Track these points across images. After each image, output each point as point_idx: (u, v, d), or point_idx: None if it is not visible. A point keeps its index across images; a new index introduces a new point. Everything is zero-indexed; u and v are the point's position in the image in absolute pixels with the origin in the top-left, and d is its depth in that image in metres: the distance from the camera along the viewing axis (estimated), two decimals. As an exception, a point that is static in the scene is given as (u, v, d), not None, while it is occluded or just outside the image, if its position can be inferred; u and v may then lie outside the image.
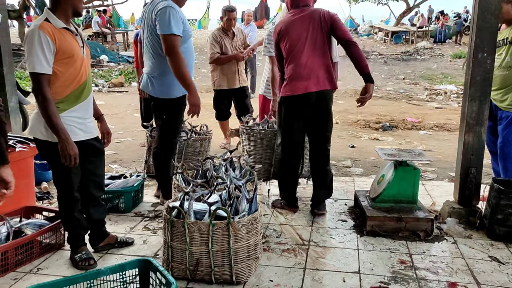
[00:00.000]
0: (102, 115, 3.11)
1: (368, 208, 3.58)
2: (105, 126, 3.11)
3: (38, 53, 2.57)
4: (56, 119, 2.63)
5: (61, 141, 2.65)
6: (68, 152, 2.66)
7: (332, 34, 3.56)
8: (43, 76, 2.60)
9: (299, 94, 3.55)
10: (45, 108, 2.61)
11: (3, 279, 2.76)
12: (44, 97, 2.60)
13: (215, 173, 3.33)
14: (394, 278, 2.82)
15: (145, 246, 3.23)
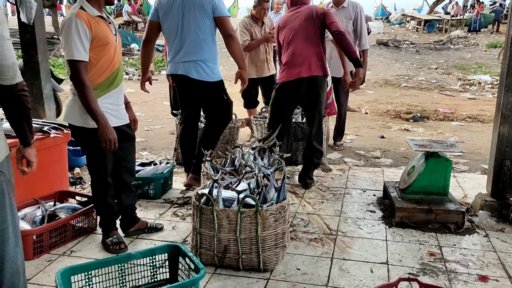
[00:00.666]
0: (129, 102, 3.15)
1: (397, 199, 3.54)
2: (132, 114, 3.15)
3: (75, 41, 2.62)
4: (94, 105, 2.68)
5: (100, 126, 2.70)
6: (108, 137, 2.71)
7: (324, 26, 3.89)
8: (81, 63, 2.65)
9: (292, 79, 3.89)
10: (84, 95, 2.66)
11: (38, 260, 2.86)
12: (83, 83, 2.65)
13: (244, 162, 3.35)
14: (423, 270, 2.78)
15: (174, 232, 3.28)
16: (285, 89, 3.98)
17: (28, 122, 1.93)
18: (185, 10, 3.64)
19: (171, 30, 3.74)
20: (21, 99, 1.85)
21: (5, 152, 1.83)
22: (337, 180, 4.43)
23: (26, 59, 4.31)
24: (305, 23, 3.88)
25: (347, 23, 5.16)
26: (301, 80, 3.89)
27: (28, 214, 3.08)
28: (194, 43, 3.67)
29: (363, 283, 2.64)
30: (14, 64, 1.80)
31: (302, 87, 3.92)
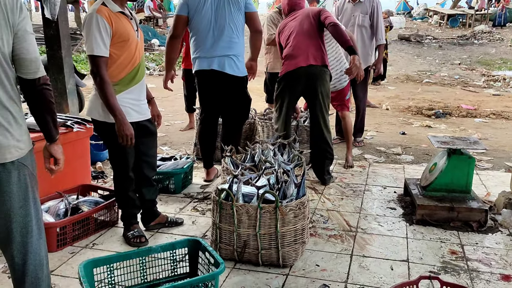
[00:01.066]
0: (152, 98, 3.17)
1: (418, 196, 3.49)
2: (156, 109, 3.18)
3: (96, 36, 2.66)
4: (113, 100, 2.72)
5: (118, 121, 2.73)
6: (125, 132, 2.74)
7: (320, 21, 3.93)
8: (100, 58, 2.69)
9: (291, 70, 3.97)
10: (103, 90, 2.70)
11: (61, 252, 2.91)
12: (102, 78, 2.69)
13: (263, 157, 3.35)
14: (444, 268, 2.75)
15: (194, 227, 3.31)
16: (285, 80, 4.03)
17: (52, 116, 1.94)
18: (218, 5, 3.66)
19: (203, 25, 3.71)
20: (43, 93, 1.86)
21: (28, 146, 1.86)
22: (357, 177, 4.40)
23: (50, 55, 4.38)
24: (302, 21, 4.00)
25: (364, 18, 5.11)
26: (299, 69, 3.93)
27: (52, 207, 3.14)
28: (228, 38, 3.70)
29: (383, 280, 2.62)
30: (37, 58, 1.82)
31: (301, 76, 3.95)
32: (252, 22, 3.78)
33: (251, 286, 2.56)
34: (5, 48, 1.72)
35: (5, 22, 1.71)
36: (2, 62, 1.72)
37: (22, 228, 1.84)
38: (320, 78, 3.97)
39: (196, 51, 3.83)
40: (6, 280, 2.58)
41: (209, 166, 4.21)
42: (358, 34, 5.17)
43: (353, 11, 5.21)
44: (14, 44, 1.75)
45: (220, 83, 3.80)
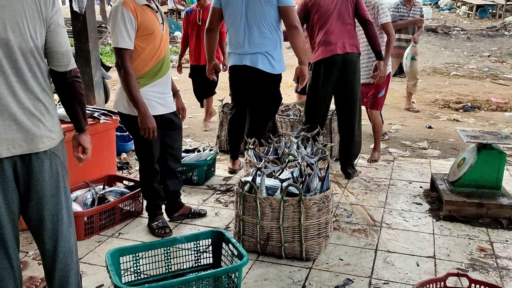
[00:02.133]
0: (178, 91, 3.18)
1: (446, 192, 3.43)
2: (181, 102, 3.19)
3: (121, 29, 2.67)
4: (136, 93, 2.74)
5: (141, 114, 2.76)
6: (147, 125, 2.77)
7: (355, 11, 3.90)
8: (125, 51, 2.71)
9: (327, 56, 3.87)
10: (127, 82, 2.72)
11: (88, 241, 2.97)
12: (126, 71, 2.71)
13: (287, 150, 3.33)
14: (473, 266, 2.70)
15: (217, 218, 3.32)
16: (320, 66, 3.92)
17: (82, 108, 1.99)
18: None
19: (234, 19, 3.67)
20: (74, 85, 1.91)
21: (60, 136, 1.89)
22: (382, 171, 4.34)
23: (78, 47, 4.45)
24: (340, 4, 3.86)
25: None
26: (336, 57, 3.85)
27: (80, 197, 3.20)
28: (260, 33, 3.61)
29: (408, 276, 2.59)
30: (68, 51, 1.86)
31: (337, 64, 3.86)
32: (285, 17, 3.56)
33: (273, 278, 2.56)
34: (38, 41, 1.76)
35: (38, 15, 1.74)
36: (36, 54, 1.76)
37: (54, 216, 1.88)
38: (356, 67, 3.93)
39: (230, 46, 3.82)
40: (36, 266, 2.64)
41: (235, 157, 4.23)
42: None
43: None
44: (46, 37, 1.79)
45: (252, 79, 3.75)
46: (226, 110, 4.87)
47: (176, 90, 3.16)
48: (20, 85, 1.73)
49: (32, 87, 1.76)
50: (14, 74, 1.71)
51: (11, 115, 1.72)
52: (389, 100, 7.79)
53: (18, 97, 1.73)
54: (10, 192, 1.77)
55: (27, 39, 1.71)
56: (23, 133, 1.75)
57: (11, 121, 1.72)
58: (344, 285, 2.49)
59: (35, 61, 1.76)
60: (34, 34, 1.73)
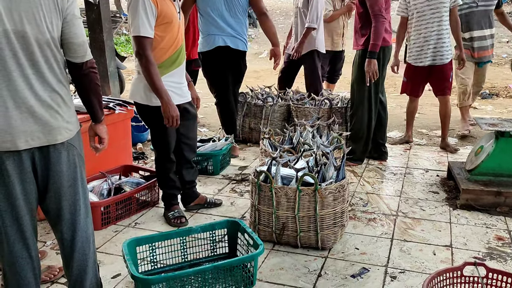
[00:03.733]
0: (191, 80, 3.17)
1: (463, 180, 3.39)
2: (194, 92, 3.18)
3: (142, 17, 2.66)
4: (159, 82, 2.73)
5: (164, 103, 2.75)
6: (171, 113, 2.76)
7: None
8: (146, 39, 2.69)
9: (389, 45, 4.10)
10: (149, 71, 2.71)
11: (106, 231, 3.01)
12: (148, 60, 2.70)
13: (302, 139, 3.32)
14: (490, 255, 2.67)
15: (232, 208, 3.33)
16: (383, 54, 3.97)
17: (98, 99, 2.00)
18: None
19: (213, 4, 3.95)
20: (90, 76, 1.92)
21: (76, 127, 1.91)
22: (398, 159, 4.31)
23: (92, 38, 4.46)
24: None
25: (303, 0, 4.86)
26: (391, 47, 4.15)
27: (96, 187, 3.23)
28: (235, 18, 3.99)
29: (425, 265, 2.57)
30: (84, 42, 1.86)
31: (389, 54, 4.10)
32: (256, 5, 3.94)
33: (289, 267, 2.56)
34: (55, 33, 1.76)
35: (54, 6, 1.74)
36: (52, 46, 1.76)
37: (71, 206, 1.91)
38: None
39: (209, 29, 4.02)
40: (54, 256, 2.69)
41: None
42: (299, 16, 4.97)
43: None
44: (63, 28, 1.79)
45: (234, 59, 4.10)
46: (241, 99, 4.86)
47: (189, 79, 3.16)
48: (37, 77, 1.75)
49: (49, 79, 1.77)
50: (30, 67, 1.73)
51: (29, 108, 1.74)
52: (404, 88, 7.71)
53: (35, 89, 1.74)
54: (28, 184, 1.80)
55: (43, 30, 1.72)
56: (40, 125, 1.77)
57: (29, 113, 1.74)
58: (360, 274, 2.49)
59: (52, 52, 1.77)
60: (50, 25, 1.74)
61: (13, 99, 1.71)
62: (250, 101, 4.83)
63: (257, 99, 4.88)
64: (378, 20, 3.76)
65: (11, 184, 1.76)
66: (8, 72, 1.69)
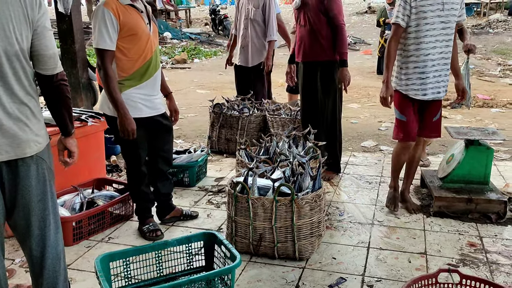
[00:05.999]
0: (170, 93, 3.14)
1: (435, 188, 3.44)
2: (173, 104, 3.15)
3: (101, 30, 2.64)
4: (115, 94, 2.70)
5: (120, 115, 2.72)
6: (126, 127, 2.73)
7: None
8: (105, 52, 2.67)
9: None
10: (106, 83, 2.69)
11: (77, 246, 2.93)
12: (105, 72, 2.68)
13: (279, 150, 3.32)
14: (463, 261, 2.71)
15: (209, 220, 3.30)
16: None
17: (68, 111, 1.95)
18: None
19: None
20: (61, 88, 1.87)
21: (46, 140, 1.86)
22: (373, 168, 4.35)
23: (64, 49, 4.39)
24: None
25: (256, 12, 4.89)
26: None
27: (68, 201, 3.15)
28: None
29: (400, 273, 2.59)
30: (55, 54, 1.82)
31: None
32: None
33: (267, 279, 2.54)
34: (24, 44, 1.72)
35: (24, 18, 1.70)
36: (21, 58, 1.72)
37: (41, 221, 1.85)
38: None
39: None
40: (23, 274, 2.60)
41: None
42: (251, 28, 4.98)
43: (247, 4, 4.99)
44: (33, 40, 1.75)
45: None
46: (217, 110, 4.85)
47: (168, 91, 3.12)
48: (4, 90, 1.70)
49: (17, 91, 1.73)
50: None
51: None
52: (378, 98, 7.84)
53: (2, 102, 1.69)
54: (-5, 198, 1.74)
55: (12, 42, 1.68)
56: (9, 138, 1.71)
57: None
58: (337, 284, 2.49)
59: (20, 64, 1.73)
60: (20, 37, 1.70)
61: None
62: (226, 112, 4.83)
63: (233, 110, 4.87)
64: (343, 29, 3.80)
65: (-24, 199, 1.70)
66: (-26, 84, 1.64)
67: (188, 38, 16.58)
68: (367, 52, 13.99)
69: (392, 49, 3.14)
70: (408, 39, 3.12)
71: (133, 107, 2.78)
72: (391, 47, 3.14)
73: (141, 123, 2.83)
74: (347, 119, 6.47)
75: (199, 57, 13.51)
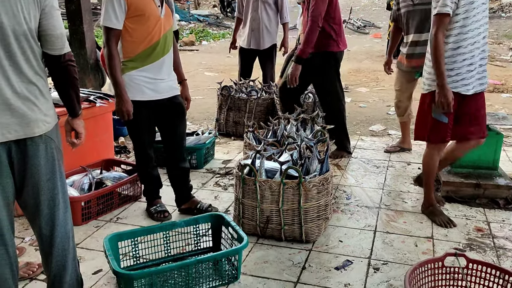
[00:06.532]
0: (184, 80, 3.10)
1: (443, 173, 3.42)
2: (186, 92, 3.10)
3: (108, 8, 2.64)
4: (115, 73, 2.69)
5: (116, 95, 2.72)
6: (121, 107, 2.72)
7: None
8: (110, 30, 2.67)
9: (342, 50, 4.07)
10: (109, 61, 2.69)
11: (86, 226, 2.96)
12: (109, 50, 2.68)
13: (286, 133, 3.32)
14: (470, 246, 2.71)
15: (216, 202, 3.31)
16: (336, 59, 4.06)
17: (76, 92, 1.96)
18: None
19: None
20: (68, 69, 1.88)
21: (54, 120, 1.87)
22: (381, 153, 4.33)
23: (72, 30, 4.38)
24: None
25: None
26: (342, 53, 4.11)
27: (76, 182, 3.18)
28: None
29: (407, 256, 2.60)
30: (63, 34, 1.82)
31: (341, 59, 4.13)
32: None
33: (273, 260, 2.56)
34: (32, 24, 1.72)
35: None
36: (29, 37, 1.72)
37: (50, 200, 1.87)
38: None
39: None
40: (33, 252, 2.63)
41: None
42: (262, 10, 4.95)
43: None
44: (41, 20, 1.75)
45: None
46: (225, 93, 4.84)
47: (183, 78, 3.08)
48: (13, 69, 1.70)
49: (25, 70, 1.73)
50: (7, 58, 1.68)
51: (5, 100, 1.69)
52: (387, 82, 7.77)
53: (11, 81, 1.70)
54: (4, 177, 1.75)
55: (20, 22, 1.68)
56: (18, 117, 1.72)
57: (5, 106, 1.69)
58: (343, 266, 2.50)
59: (28, 44, 1.73)
60: (28, 16, 1.69)
61: None
62: (234, 95, 4.81)
63: (241, 92, 4.86)
64: (312, 26, 3.72)
65: (-14, 178, 1.72)
66: (-16, 63, 1.64)
67: (196, 20, 16.49)
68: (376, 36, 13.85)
69: (441, 43, 2.73)
70: (454, 29, 2.77)
71: (136, 90, 2.77)
72: (440, 41, 2.73)
73: (145, 106, 2.82)
74: (355, 103, 6.44)
75: (207, 39, 13.45)
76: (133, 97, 2.76)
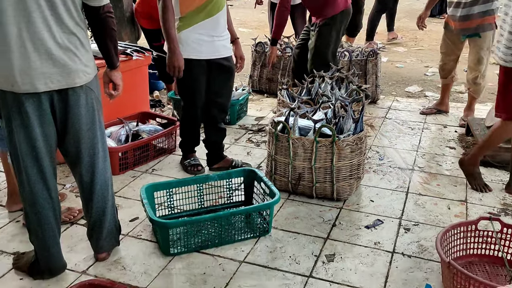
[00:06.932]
0: (237, 38, 3.06)
1: (481, 136, 3.33)
2: (239, 51, 3.07)
3: None
4: (169, 28, 2.68)
5: (169, 50, 2.71)
6: (173, 63, 2.72)
7: None
8: None
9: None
10: (163, 15, 2.68)
11: (123, 176, 3.06)
12: (165, 4, 2.66)
13: (321, 91, 3.28)
14: (505, 211, 2.67)
15: (248, 158, 3.35)
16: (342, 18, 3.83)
17: (114, 44, 1.99)
18: None
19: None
20: (107, 20, 1.90)
21: (94, 71, 1.91)
22: (416, 114, 4.25)
23: (108, -18, 4.36)
24: None
25: None
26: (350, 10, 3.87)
27: (114, 133, 3.26)
28: None
29: (439, 219, 2.58)
30: None
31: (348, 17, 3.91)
32: None
33: (304, 216, 2.60)
34: None
35: None
36: None
37: (90, 149, 1.93)
38: None
39: None
40: (73, 198, 2.75)
41: None
42: None
43: None
44: None
45: None
46: (259, 49, 4.79)
47: (235, 37, 3.04)
48: (55, 19, 1.73)
49: (66, 21, 1.76)
50: (49, 8, 1.71)
51: (47, 50, 1.73)
52: (426, 42, 7.50)
53: (53, 31, 1.73)
54: (47, 125, 1.82)
55: None
56: (59, 67, 1.76)
57: (47, 56, 1.73)
58: (374, 225, 2.51)
59: None
60: None
61: (32, 41, 1.70)
62: (268, 51, 4.74)
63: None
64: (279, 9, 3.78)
65: (30, 125, 1.79)
66: (28, 12, 1.68)
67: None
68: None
69: None
70: None
71: (192, 48, 2.75)
72: None
73: (198, 65, 2.80)
74: (392, 63, 6.26)
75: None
76: (188, 56, 2.75)
